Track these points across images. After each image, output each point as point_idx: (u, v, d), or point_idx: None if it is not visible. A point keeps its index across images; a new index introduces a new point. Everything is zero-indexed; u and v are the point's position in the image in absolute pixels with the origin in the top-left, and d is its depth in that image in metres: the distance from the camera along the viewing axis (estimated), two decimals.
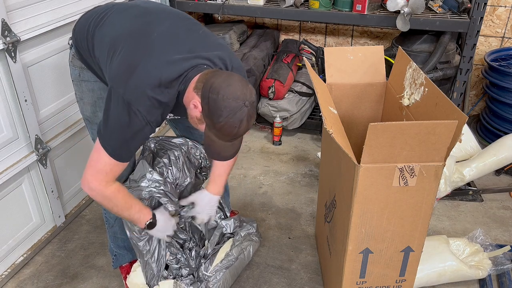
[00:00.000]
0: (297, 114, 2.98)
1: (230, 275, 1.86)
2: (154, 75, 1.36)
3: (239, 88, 1.33)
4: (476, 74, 3.11)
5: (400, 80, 1.68)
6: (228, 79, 1.34)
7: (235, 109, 1.31)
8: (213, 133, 1.37)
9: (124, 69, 1.38)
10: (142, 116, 1.36)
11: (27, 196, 2.06)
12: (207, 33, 1.55)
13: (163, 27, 1.46)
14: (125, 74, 1.37)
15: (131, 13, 1.53)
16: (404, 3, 2.42)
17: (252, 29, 3.45)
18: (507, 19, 2.91)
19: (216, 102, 1.31)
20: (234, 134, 1.36)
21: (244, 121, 1.34)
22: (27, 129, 1.97)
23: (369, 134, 1.20)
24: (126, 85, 1.35)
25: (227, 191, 2.10)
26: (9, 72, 1.83)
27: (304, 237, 2.22)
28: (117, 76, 1.39)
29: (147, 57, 1.39)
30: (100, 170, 1.44)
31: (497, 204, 2.43)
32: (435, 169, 1.30)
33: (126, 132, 1.39)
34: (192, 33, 1.50)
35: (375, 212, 1.38)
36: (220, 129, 1.35)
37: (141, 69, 1.36)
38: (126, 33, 1.45)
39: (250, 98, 1.34)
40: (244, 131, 1.38)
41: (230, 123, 1.33)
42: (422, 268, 1.79)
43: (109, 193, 1.48)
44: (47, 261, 2.09)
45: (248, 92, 1.34)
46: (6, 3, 1.79)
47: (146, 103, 1.36)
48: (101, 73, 1.56)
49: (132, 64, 1.38)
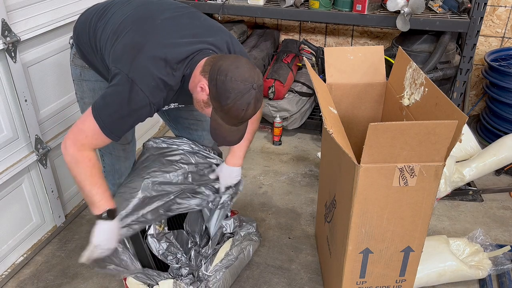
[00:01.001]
0: (297, 114, 2.98)
1: (230, 275, 1.86)
2: (161, 55, 1.36)
3: (247, 71, 1.33)
4: (476, 74, 3.11)
5: (400, 80, 1.68)
6: (236, 62, 1.34)
7: (243, 91, 1.31)
8: (220, 116, 1.37)
9: (129, 49, 1.38)
10: (145, 95, 1.35)
11: (27, 196, 2.06)
12: (208, 20, 1.57)
13: (166, 14, 1.48)
14: (131, 53, 1.37)
15: (133, 5, 1.54)
16: (404, 3, 2.42)
17: (252, 29, 3.45)
18: (507, 19, 2.91)
19: (224, 84, 1.31)
20: (241, 117, 1.36)
21: (252, 104, 1.34)
22: (27, 129, 1.97)
23: (369, 134, 1.20)
24: (132, 64, 1.35)
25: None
26: (9, 72, 1.83)
27: (304, 237, 2.22)
28: (122, 56, 1.38)
29: (152, 38, 1.39)
30: (81, 130, 1.40)
31: (497, 204, 2.43)
32: (435, 169, 1.30)
33: (123, 109, 1.36)
34: (194, 20, 1.52)
35: (375, 212, 1.38)
36: (227, 111, 1.34)
37: (147, 49, 1.36)
38: (130, 20, 1.46)
39: (258, 81, 1.34)
40: (251, 115, 1.38)
41: (237, 105, 1.32)
42: (422, 268, 1.79)
43: (79, 156, 1.40)
44: (47, 261, 2.09)
45: (255, 75, 1.34)
46: (6, 3, 1.79)
47: (151, 83, 1.35)
48: (103, 67, 1.56)
49: (137, 45, 1.38)
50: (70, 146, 1.41)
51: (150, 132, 3.01)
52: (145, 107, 1.38)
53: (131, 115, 1.39)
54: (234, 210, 2.25)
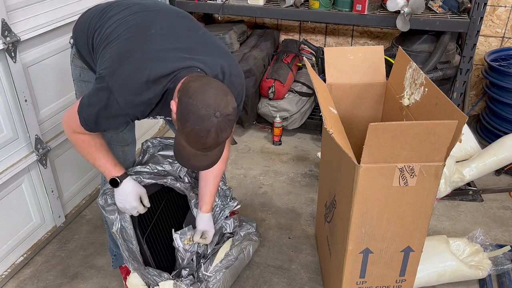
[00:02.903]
0: (297, 114, 2.98)
1: (230, 275, 1.86)
2: (143, 69, 1.34)
3: (213, 97, 1.25)
4: (476, 74, 3.11)
5: (400, 80, 1.68)
6: (206, 86, 1.27)
7: (203, 117, 1.24)
8: (183, 138, 1.31)
9: (116, 55, 1.38)
10: (120, 107, 1.35)
11: (27, 196, 2.06)
12: (207, 34, 1.52)
13: (163, 23, 1.45)
14: (117, 61, 1.36)
15: (132, 10, 1.52)
16: (404, 3, 2.42)
17: (252, 29, 3.45)
18: (507, 19, 2.91)
19: (186, 106, 1.25)
20: (202, 143, 1.28)
21: (212, 132, 1.26)
22: (27, 129, 1.97)
23: (369, 134, 1.20)
24: (114, 74, 1.35)
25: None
26: (9, 72, 1.83)
27: (304, 237, 2.22)
28: (109, 61, 1.38)
29: (140, 49, 1.37)
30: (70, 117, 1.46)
31: (497, 204, 2.43)
32: (435, 169, 1.30)
33: (100, 112, 1.39)
34: (192, 32, 1.49)
35: (375, 212, 1.38)
36: (187, 134, 1.28)
37: (133, 59, 1.35)
38: (125, 26, 1.45)
39: (224, 110, 1.26)
40: (214, 143, 1.29)
41: (196, 130, 1.25)
42: (422, 268, 1.79)
43: (73, 138, 1.52)
44: (47, 261, 2.09)
45: (223, 103, 1.26)
46: (6, 3, 1.79)
47: (127, 96, 1.34)
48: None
49: (126, 53, 1.37)
50: (65, 129, 1.53)
51: (150, 132, 3.01)
52: (120, 116, 1.38)
53: (108, 119, 1.41)
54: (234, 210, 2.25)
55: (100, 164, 1.57)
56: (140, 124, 1.48)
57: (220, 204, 1.92)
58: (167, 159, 1.85)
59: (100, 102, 1.36)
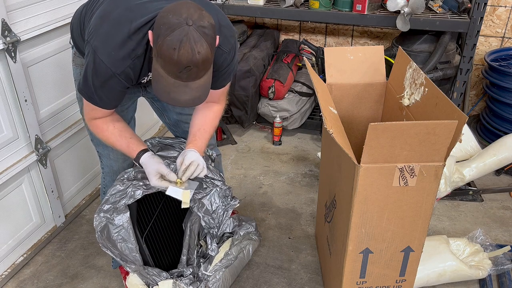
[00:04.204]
0: (297, 114, 2.98)
1: (230, 275, 1.86)
2: (124, 22, 1.31)
3: (186, 8, 1.18)
4: (476, 74, 3.11)
5: (400, 80, 1.68)
6: (179, 3, 1.21)
7: (173, 26, 1.16)
8: (158, 63, 1.23)
9: (97, 20, 1.36)
10: (106, 66, 1.32)
11: (27, 196, 2.06)
12: None
13: None
14: (98, 24, 1.35)
15: None
16: (404, 3, 2.42)
17: (252, 29, 3.45)
18: (507, 19, 2.91)
19: (158, 20, 1.20)
20: (175, 60, 1.18)
21: (185, 43, 1.16)
22: (27, 129, 1.97)
23: (369, 134, 1.20)
24: (95, 34, 1.33)
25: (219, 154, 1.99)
26: (9, 72, 1.83)
27: (304, 237, 2.22)
28: (91, 28, 1.36)
29: (122, 6, 1.35)
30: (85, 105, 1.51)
31: (497, 204, 2.43)
32: (435, 169, 1.30)
33: (94, 80, 1.37)
34: None
35: (375, 212, 1.38)
36: (160, 53, 1.19)
37: (112, 17, 1.33)
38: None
39: (199, 21, 1.17)
40: (190, 60, 1.18)
41: (167, 42, 1.16)
42: (422, 268, 1.79)
43: (91, 126, 1.55)
44: (47, 261, 2.10)
45: (197, 14, 1.18)
46: (6, 3, 1.79)
47: (110, 53, 1.31)
48: None
49: (105, 15, 1.36)
50: (85, 118, 1.56)
51: (150, 132, 3.01)
52: (112, 78, 1.35)
53: (103, 86, 1.37)
54: (234, 210, 2.25)
55: (122, 147, 1.57)
56: (140, 124, 1.48)
57: (221, 205, 1.92)
58: (167, 159, 1.85)
59: (90, 69, 1.35)
